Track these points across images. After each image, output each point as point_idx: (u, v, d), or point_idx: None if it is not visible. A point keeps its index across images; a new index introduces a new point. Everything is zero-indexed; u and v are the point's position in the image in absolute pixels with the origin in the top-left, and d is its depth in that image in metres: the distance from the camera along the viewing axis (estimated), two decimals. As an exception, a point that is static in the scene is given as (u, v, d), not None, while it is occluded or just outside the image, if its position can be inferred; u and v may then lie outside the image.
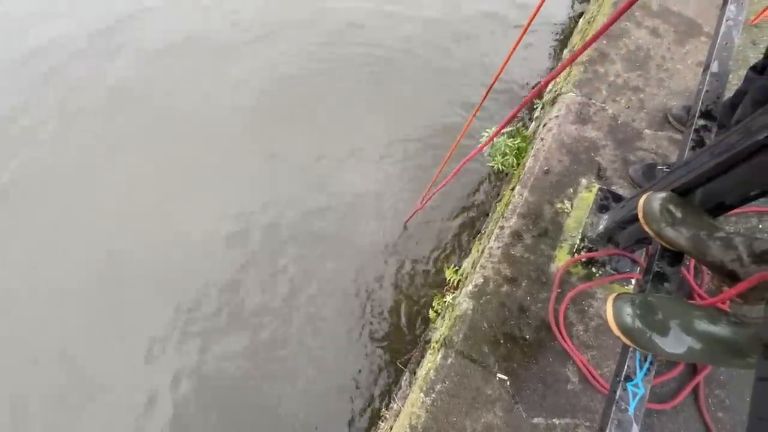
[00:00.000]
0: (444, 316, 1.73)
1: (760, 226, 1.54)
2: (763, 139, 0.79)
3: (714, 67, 1.32)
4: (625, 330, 0.89)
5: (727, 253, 0.91)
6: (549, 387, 1.30)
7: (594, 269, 1.44)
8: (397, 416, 1.35)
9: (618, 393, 0.90)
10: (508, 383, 1.30)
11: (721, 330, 0.82)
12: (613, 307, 0.92)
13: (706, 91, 1.29)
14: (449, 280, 2.03)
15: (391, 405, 1.70)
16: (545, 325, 1.38)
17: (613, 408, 0.89)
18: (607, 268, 1.44)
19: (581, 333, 1.37)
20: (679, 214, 0.99)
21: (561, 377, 1.32)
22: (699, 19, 2.13)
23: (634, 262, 1.44)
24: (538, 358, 1.34)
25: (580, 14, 3.20)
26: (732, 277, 0.90)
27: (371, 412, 1.94)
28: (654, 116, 1.81)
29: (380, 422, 1.64)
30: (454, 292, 1.83)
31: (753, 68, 1.42)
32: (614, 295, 0.95)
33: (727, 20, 1.40)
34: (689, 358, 0.87)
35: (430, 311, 2.01)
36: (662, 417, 1.24)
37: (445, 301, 1.83)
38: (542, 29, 3.24)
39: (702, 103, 1.27)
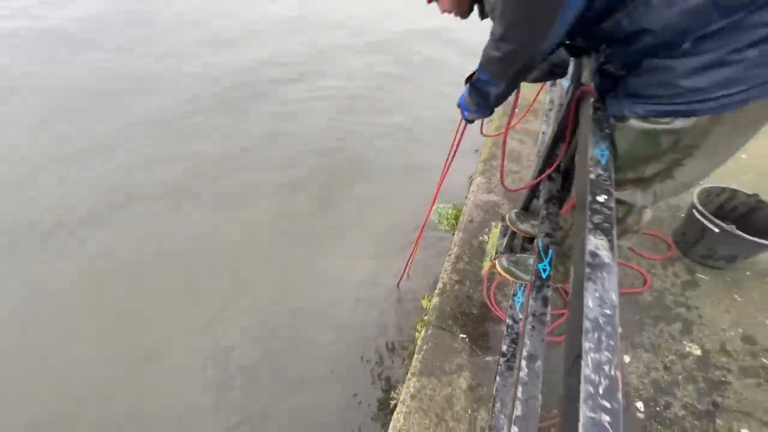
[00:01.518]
0: (423, 320, 2.53)
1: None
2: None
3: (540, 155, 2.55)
4: (505, 270, 1.84)
5: (546, 232, 1.93)
6: (491, 338, 2.12)
7: (506, 269, 2.39)
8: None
9: (511, 302, 1.79)
10: (467, 339, 2.11)
11: (542, 259, 1.79)
12: (498, 262, 1.88)
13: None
14: (426, 307, 2.86)
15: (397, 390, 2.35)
16: (484, 304, 2.26)
17: (509, 311, 1.77)
18: (513, 267, 2.40)
19: (506, 307, 2.25)
20: (523, 217, 2.03)
21: (498, 333, 2.14)
22: (547, 132, 3.58)
23: (528, 262, 2.41)
24: (483, 323, 2.18)
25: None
26: (549, 241, 1.91)
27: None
28: (529, 185, 3.01)
29: (390, 401, 2.27)
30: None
31: None
32: (499, 258, 1.91)
33: (543, 133, 2.72)
34: (537, 279, 1.80)
35: (416, 332, 2.77)
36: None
37: (424, 320, 2.65)
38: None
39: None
